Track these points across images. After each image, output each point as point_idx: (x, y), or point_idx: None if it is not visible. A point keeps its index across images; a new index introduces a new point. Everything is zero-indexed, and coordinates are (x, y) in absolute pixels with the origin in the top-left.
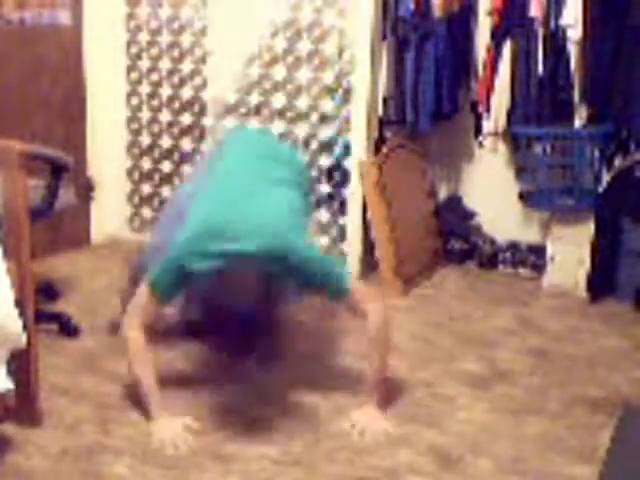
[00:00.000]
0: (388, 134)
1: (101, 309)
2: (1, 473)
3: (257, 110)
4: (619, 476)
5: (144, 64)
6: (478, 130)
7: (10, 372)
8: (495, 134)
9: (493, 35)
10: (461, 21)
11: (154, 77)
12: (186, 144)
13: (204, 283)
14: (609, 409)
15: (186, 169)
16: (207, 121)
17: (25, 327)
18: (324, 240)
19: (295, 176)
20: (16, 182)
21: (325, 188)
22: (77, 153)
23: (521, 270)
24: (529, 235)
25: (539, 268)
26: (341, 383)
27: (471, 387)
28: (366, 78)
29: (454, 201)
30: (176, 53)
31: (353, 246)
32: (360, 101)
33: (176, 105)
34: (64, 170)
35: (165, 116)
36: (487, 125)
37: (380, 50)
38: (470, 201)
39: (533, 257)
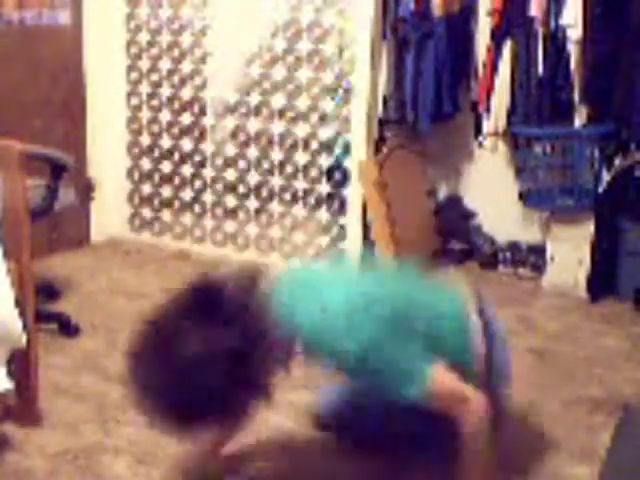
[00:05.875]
0: (388, 134)
1: (101, 309)
2: (1, 473)
3: (257, 110)
4: (619, 476)
5: (144, 64)
6: (478, 130)
7: (10, 372)
8: (495, 134)
9: (493, 35)
10: (461, 21)
11: (154, 77)
12: (186, 144)
13: None
14: (609, 409)
15: (186, 169)
16: (207, 121)
17: (25, 327)
18: (324, 240)
19: None
20: (16, 182)
21: (325, 188)
22: (77, 153)
23: (521, 270)
24: (529, 235)
25: (539, 268)
26: None
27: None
28: (366, 78)
29: (454, 201)
30: (176, 53)
31: (353, 246)
32: (360, 101)
33: (176, 105)
34: (64, 170)
35: (165, 116)
36: (487, 125)
37: (380, 50)
38: (470, 201)
39: (533, 257)
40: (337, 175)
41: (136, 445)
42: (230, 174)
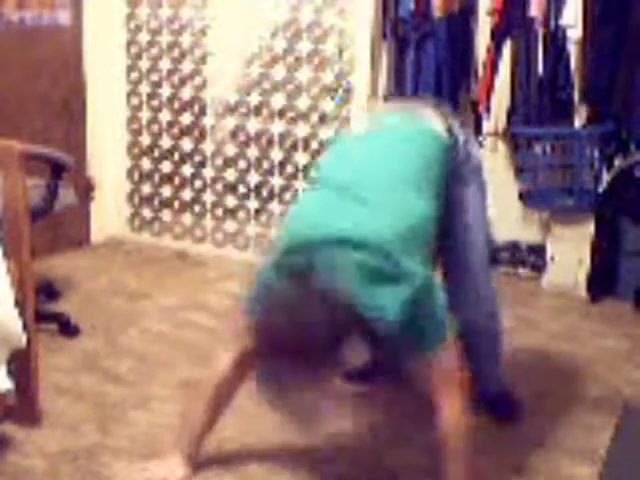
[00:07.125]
0: None
1: (101, 309)
2: (1, 473)
3: (257, 110)
4: (619, 476)
5: (144, 64)
6: (478, 130)
7: (10, 372)
8: (495, 134)
9: (493, 35)
10: (461, 21)
11: (154, 77)
12: (186, 144)
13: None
14: (609, 409)
15: (186, 169)
16: (207, 121)
17: (25, 327)
18: None
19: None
20: (16, 182)
21: None
22: (77, 153)
23: (521, 270)
24: (529, 235)
25: (539, 268)
26: None
27: None
28: (366, 78)
29: None
30: (176, 53)
31: None
32: (360, 101)
33: (176, 105)
34: (64, 170)
35: (165, 116)
36: (487, 125)
37: (380, 50)
38: None
39: (533, 257)
40: None
41: (136, 445)
42: (230, 174)
